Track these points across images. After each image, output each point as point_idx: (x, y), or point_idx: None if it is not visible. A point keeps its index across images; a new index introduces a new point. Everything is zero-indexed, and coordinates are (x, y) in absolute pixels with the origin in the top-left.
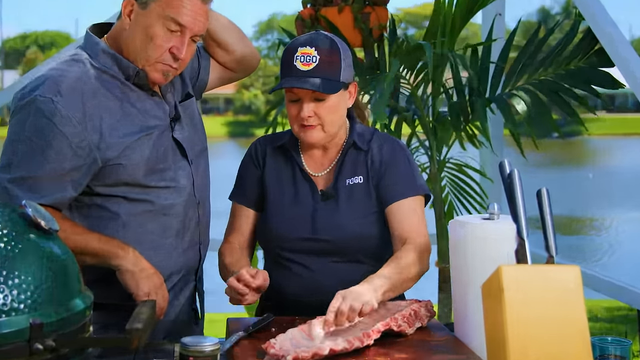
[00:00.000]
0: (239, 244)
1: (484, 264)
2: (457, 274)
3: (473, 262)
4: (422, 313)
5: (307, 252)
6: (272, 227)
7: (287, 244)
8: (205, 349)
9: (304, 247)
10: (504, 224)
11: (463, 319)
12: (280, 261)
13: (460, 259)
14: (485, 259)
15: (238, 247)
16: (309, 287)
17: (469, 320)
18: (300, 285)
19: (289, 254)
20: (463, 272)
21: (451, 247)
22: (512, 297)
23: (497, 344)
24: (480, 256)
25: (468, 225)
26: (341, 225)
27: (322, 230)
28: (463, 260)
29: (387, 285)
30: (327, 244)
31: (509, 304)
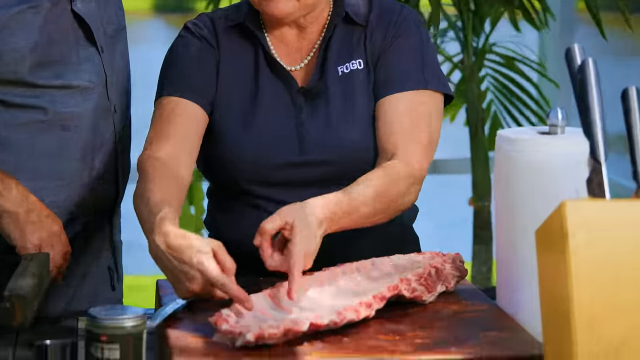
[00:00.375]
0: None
1: (541, 199)
2: (502, 215)
3: (526, 196)
4: (448, 272)
5: (288, 184)
6: (234, 151)
7: (258, 174)
8: (124, 323)
9: (285, 178)
10: (571, 142)
11: (509, 280)
12: (245, 200)
13: (506, 193)
14: (544, 191)
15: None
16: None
17: (517, 282)
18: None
19: (259, 189)
20: (511, 212)
21: (495, 176)
22: (580, 247)
23: (557, 312)
24: (536, 188)
25: (519, 144)
26: (340, 136)
27: (313, 148)
28: (511, 195)
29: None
30: (319, 169)
31: (576, 256)
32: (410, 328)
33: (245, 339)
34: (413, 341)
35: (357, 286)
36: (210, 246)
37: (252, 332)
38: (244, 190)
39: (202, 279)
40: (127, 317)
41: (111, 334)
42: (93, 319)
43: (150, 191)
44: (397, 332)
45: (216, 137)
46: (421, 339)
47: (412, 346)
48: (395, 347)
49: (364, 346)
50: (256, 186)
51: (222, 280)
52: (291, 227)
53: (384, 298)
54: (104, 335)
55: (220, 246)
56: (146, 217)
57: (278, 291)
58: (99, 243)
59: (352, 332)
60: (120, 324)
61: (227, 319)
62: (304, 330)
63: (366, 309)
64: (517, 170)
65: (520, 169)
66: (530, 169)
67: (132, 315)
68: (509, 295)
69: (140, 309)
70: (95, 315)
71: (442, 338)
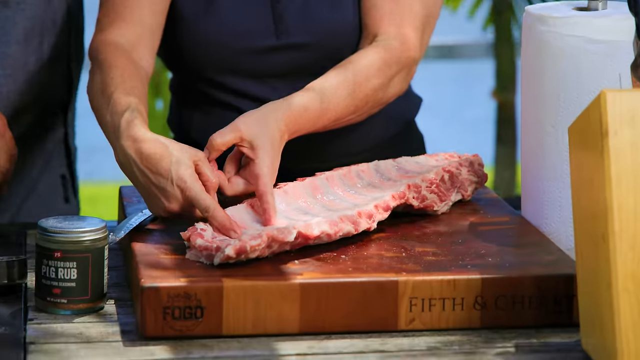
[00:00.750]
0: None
1: (576, 90)
2: (529, 109)
3: (558, 86)
4: (464, 177)
5: (260, 74)
6: (197, 35)
7: (229, 62)
8: (82, 237)
9: (257, 65)
10: (613, 19)
11: (536, 186)
12: (213, 96)
13: (535, 83)
14: (580, 79)
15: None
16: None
17: (546, 189)
18: None
19: (231, 79)
20: (539, 105)
21: (522, 62)
22: (622, 147)
23: (593, 226)
24: (570, 75)
25: (551, 22)
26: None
27: (291, 30)
28: (540, 84)
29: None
30: (298, 54)
31: (618, 158)
32: (419, 243)
33: (225, 254)
34: (423, 259)
35: (356, 194)
36: (191, 156)
37: (231, 245)
38: (210, 83)
39: (183, 198)
40: (86, 230)
41: (66, 249)
42: (44, 232)
43: (110, 85)
44: (403, 248)
45: (176, 17)
46: (432, 256)
47: (421, 264)
48: (402, 265)
49: (363, 264)
50: (223, 77)
51: (207, 203)
52: (251, 145)
53: (387, 208)
54: (57, 252)
55: (202, 157)
56: (109, 118)
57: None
58: (51, 146)
59: (350, 248)
60: (77, 237)
61: (202, 234)
62: (291, 240)
63: (366, 220)
64: (548, 55)
65: (551, 52)
66: (564, 53)
67: (91, 227)
68: (536, 205)
69: (101, 220)
70: (47, 227)
71: (457, 255)
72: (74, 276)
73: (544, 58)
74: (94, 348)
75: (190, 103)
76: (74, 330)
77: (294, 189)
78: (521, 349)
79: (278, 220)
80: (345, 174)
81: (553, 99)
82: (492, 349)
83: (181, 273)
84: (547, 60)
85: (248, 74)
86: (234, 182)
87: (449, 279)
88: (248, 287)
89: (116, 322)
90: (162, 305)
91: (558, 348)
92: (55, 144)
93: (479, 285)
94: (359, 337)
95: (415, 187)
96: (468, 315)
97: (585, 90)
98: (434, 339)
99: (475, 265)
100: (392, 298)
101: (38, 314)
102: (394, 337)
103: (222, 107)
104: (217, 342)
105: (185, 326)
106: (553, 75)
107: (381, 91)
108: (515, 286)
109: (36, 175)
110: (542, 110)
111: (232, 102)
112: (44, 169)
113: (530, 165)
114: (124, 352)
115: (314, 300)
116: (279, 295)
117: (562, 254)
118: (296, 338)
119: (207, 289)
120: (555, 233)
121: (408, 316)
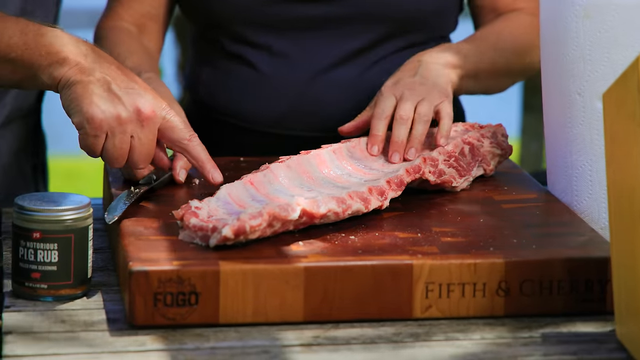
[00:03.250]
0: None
1: (608, 51)
2: (550, 74)
3: (585, 46)
4: (486, 149)
5: (289, 26)
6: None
7: (255, 11)
8: (63, 216)
9: (290, 16)
10: None
11: (563, 160)
12: (234, 50)
13: (557, 41)
14: (611, 38)
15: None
16: (288, 96)
17: (574, 161)
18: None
19: (252, 31)
20: (562, 70)
21: (541, 23)
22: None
23: (630, 203)
24: (600, 34)
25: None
26: None
27: None
28: (563, 44)
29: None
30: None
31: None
32: (436, 222)
33: (222, 234)
34: (440, 240)
35: (366, 169)
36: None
37: (229, 225)
38: (233, 35)
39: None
40: (67, 208)
41: (46, 229)
42: (22, 211)
43: (119, 57)
44: (419, 227)
45: None
46: (451, 237)
47: (438, 246)
48: (417, 247)
49: (375, 246)
50: (244, 28)
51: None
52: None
53: (401, 184)
54: (36, 232)
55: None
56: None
57: (262, 176)
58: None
59: (361, 228)
60: (58, 216)
61: (196, 212)
62: (294, 218)
63: (378, 197)
64: (572, 8)
65: (574, 12)
66: (591, 6)
67: (74, 205)
68: (564, 181)
69: (84, 197)
70: (24, 205)
71: (478, 236)
72: (55, 259)
73: (566, 18)
74: (78, 338)
75: (210, 59)
76: (55, 319)
77: (298, 163)
78: (549, 339)
79: (280, 198)
80: (355, 146)
81: (578, 64)
82: (516, 339)
83: (173, 255)
84: (570, 20)
85: (277, 25)
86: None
87: (469, 262)
88: (247, 271)
89: (102, 309)
90: (152, 290)
91: (590, 338)
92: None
93: (502, 269)
94: (369, 326)
95: (431, 161)
96: (490, 302)
97: (618, 52)
98: (452, 328)
99: (498, 247)
100: (407, 283)
101: (15, 301)
102: (409, 326)
103: (237, 62)
104: (213, 331)
105: (178, 314)
106: (578, 33)
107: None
108: (542, 270)
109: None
110: (566, 77)
111: (251, 58)
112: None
113: (555, 137)
114: (110, 342)
115: (320, 286)
116: (281, 280)
117: (594, 235)
118: (300, 327)
119: (202, 273)
120: (587, 211)
121: (424, 303)
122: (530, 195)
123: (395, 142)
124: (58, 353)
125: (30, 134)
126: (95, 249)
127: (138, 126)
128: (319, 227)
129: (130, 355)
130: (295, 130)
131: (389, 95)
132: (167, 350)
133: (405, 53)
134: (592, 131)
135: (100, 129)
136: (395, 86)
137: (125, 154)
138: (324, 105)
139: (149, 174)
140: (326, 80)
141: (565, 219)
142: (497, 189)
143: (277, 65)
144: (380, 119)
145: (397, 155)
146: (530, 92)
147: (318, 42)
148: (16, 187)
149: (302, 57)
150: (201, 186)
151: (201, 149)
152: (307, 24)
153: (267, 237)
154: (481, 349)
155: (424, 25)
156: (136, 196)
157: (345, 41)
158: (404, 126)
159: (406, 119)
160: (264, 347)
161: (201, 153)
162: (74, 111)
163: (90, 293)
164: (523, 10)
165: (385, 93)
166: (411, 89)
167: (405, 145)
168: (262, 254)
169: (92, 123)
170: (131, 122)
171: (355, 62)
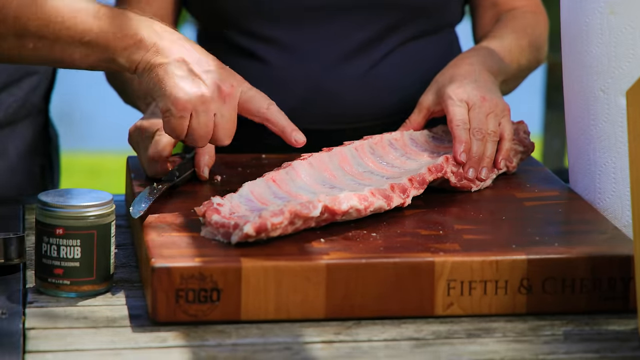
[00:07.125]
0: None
1: (632, 48)
2: (572, 71)
3: (608, 40)
4: (507, 146)
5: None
6: None
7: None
8: (86, 212)
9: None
10: None
11: (586, 157)
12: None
13: (578, 41)
14: (636, 36)
15: None
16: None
17: (597, 159)
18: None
19: (261, 26)
20: (586, 66)
21: (562, 19)
22: None
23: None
24: (626, 32)
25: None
26: None
27: None
28: (586, 37)
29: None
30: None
31: None
32: (458, 220)
33: (243, 231)
34: (462, 237)
35: (388, 166)
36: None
37: (251, 222)
38: (241, 30)
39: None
40: (90, 205)
41: (69, 225)
42: (45, 207)
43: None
44: (441, 225)
45: None
46: (473, 234)
47: (460, 243)
48: (439, 244)
49: (396, 243)
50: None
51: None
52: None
53: (423, 182)
54: (59, 228)
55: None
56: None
57: (284, 173)
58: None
59: (382, 226)
60: (81, 213)
61: (218, 209)
62: (316, 215)
63: (400, 195)
64: (596, 5)
65: (600, 2)
66: (617, 2)
67: (97, 201)
68: (587, 179)
69: (107, 194)
70: (47, 201)
71: (500, 233)
72: (78, 255)
73: (590, 14)
74: (100, 334)
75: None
76: (77, 315)
77: (319, 160)
78: (571, 337)
79: (302, 195)
80: (377, 143)
81: (602, 60)
82: (538, 337)
83: (195, 252)
84: (594, 16)
85: (281, 18)
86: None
87: (491, 259)
88: (269, 268)
89: (124, 305)
90: (174, 287)
91: (613, 336)
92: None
93: (524, 267)
94: (391, 324)
95: (454, 160)
96: (512, 299)
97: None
98: (474, 326)
99: (521, 244)
100: (428, 280)
101: (38, 297)
102: (430, 324)
103: (246, 57)
104: (234, 328)
105: (200, 310)
106: (602, 27)
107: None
108: (565, 268)
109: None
110: (590, 73)
111: (258, 51)
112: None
113: (578, 134)
114: (132, 338)
115: (341, 283)
116: (303, 277)
117: (617, 232)
118: (322, 324)
119: (224, 269)
120: (610, 209)
121: (445, 300)
122: (553, 192)
123: (473, 158)
124: (80, 349)
125: (37, 134)
126: (117, 245)
127: (220, 103)
128: (340, 224)
129: (152, 351)
130: (307, 123)
131: (461, 103)
132: (188, 346)
133: (415, 44)
134: (616, 128)
135: (185, 110)
136: (461, 91)
137: (210, 131)
138: (335, 98)
139: (172, 171)
140: (337, 72)
141: (588, 216)
142: (519, 186)
143: (287, 59)
144: (464, 129)
145: (474, 171)
146: (552, 89)
147: (327, 34)
148: (24, 187)
149: (312, 50)
150: (223, 183)
151: (281, 115)
152: (316, 14)
153: (289, 234)
154: (503, 347)
155: (433, 11)
156: (159, 192)
157: (355, 32)
158: (481, 142)
159: (484, 134)
160: (285, 343)
161: (282, 119)
162: (158, 95)
163: (112, 289)
164: (524, 8)
165: (455, 98)
166: (480, 99)
167: (482, 161)
168: (284, 251)
169: (177, 105)
170: (213, 100)
171: (366, 53)
